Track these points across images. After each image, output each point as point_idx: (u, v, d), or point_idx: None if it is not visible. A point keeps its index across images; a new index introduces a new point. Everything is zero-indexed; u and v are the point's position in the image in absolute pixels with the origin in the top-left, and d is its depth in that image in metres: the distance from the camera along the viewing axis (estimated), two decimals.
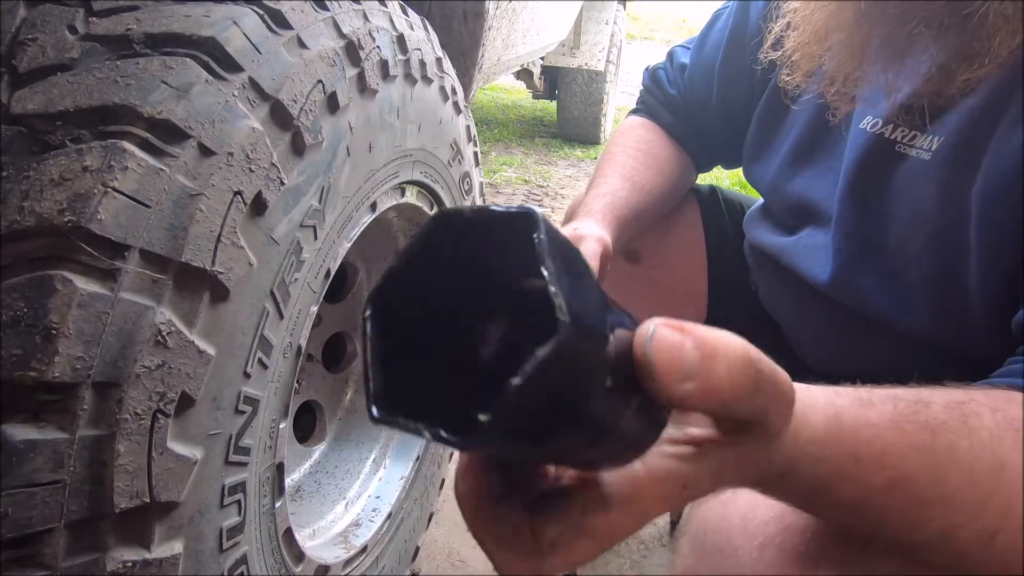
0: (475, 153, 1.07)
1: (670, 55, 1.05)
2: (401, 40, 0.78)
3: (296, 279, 0.64)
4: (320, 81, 0.62)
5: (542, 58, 3.83)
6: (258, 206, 0.57)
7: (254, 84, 0.56)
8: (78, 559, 0.47)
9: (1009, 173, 0.57)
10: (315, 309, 0.70)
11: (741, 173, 0.98)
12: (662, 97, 1.03)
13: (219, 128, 0.53)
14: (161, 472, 0.51)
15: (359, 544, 0.91)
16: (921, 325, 0.67)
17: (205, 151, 0.52)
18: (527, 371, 0.26)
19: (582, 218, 0.86)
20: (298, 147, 0.60)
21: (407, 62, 0.79)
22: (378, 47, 0.72)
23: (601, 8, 3.93)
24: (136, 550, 0.51)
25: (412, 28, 0.83)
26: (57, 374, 0.45)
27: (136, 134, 0.49)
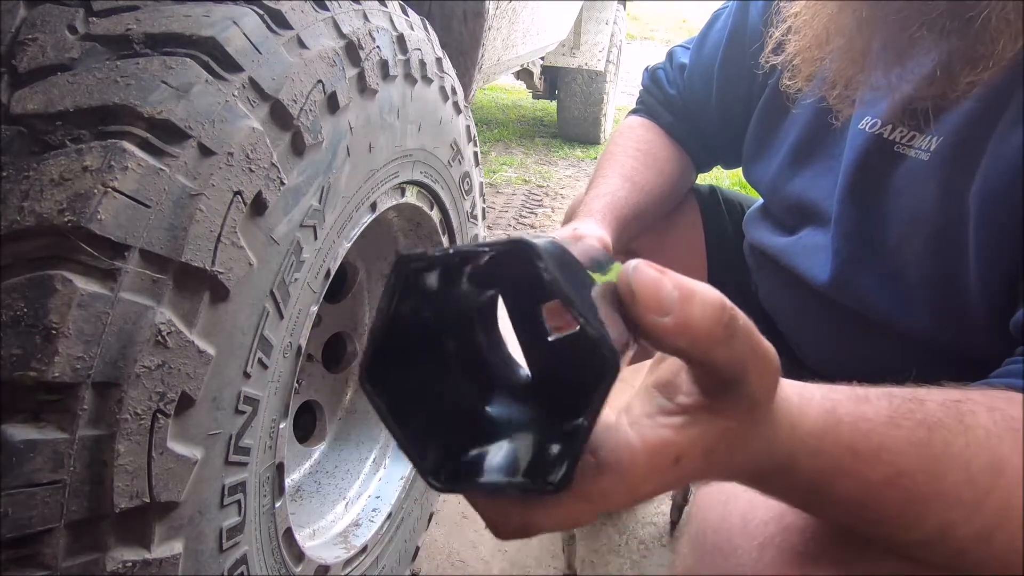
0: (475, 153, 1.07)
1: (670, 55, 1.05)
2: (401, 40, 0.78)
3: (296, 279, 0.64)
4: (320, 81, 0.62)
5: (542, 58, 3.83)
6: (258, 206, 0.57)
7: (254, 84, 0.56)
8: (78, 559, 0.47)
9: (1008, 173, 0.57)
10: (315, 309, 0.70)
11: (741, 173, 0.98)
12: (662, 97, 1.03)
13: (219, 128, 0.53)
14: (161, 472, 0.51)
15: (359, 544, 0.91)
16: (921, 325, 0.67)
17: (205, 151, 0.52)
18: (592, 412, 0.29)
19: (582, 218, 0.86)
20: (298, 147, 0.60)
21: (407, 62, 0.79)
22: (378, 47, 0.72)
23: (601, 8, 3.93)
24: (136, 550, 0.51)
25: (412, 28, 0.83)
26: (57, 374, 0.45)
27: (136, 134, 0.49)
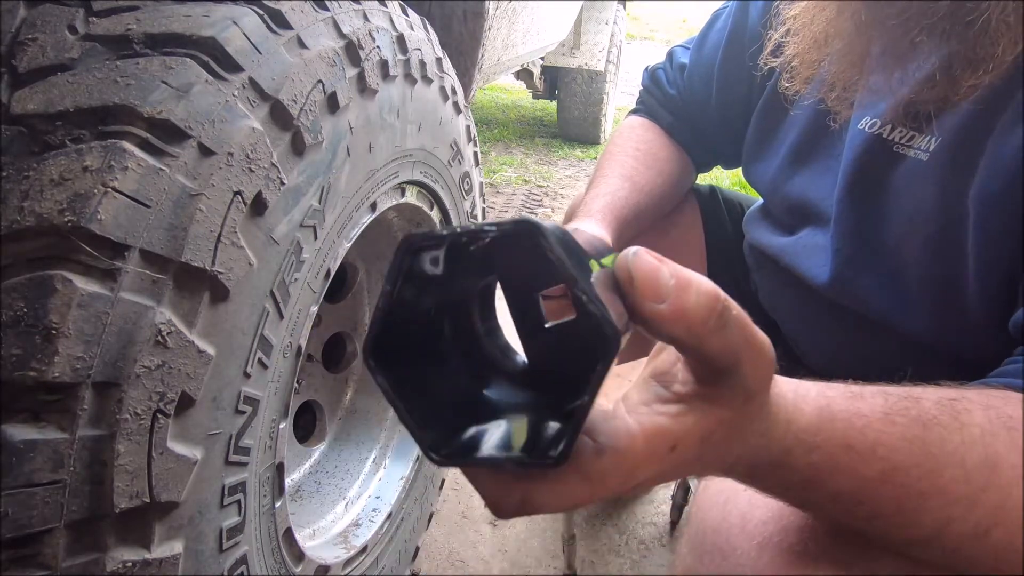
0: (475, 153, 1.07)
1: (669, 55, 1.05)
2: (401, 40, 0.78)
3: (296, 279, 0.64)
4: (320, 81, 0.62)
5: (542, 58, 3.83)
6: (258, 206, 0.57)
7: (254, 84, 0.56)
8: (78, 559, 0.47)
9: (1006, 174, 0.57)
10: (315, 309, 0.70)
11: (741, 173, 0.98)
12: (661, 97, 1.03)
13: (219, 128, 0.53)
14: (161, 472, 0.51)
15: (359, 544, 0.91)
16: (920, 325, 0.67)
17: (205, 151, 0.52)
18: (592, 389, 0.29)
19: (582, 218, 0.86)
20: (298, 147, 0.60)
21: (407, 62, 0.79)
22: (378, 47, 0.72)
23: (601, 8, 3.93)
24: (136, 550, 0.51)
25: (412, 28, 0.83)
26: (57, 374, 0.45)
27: (136, 134, 0.49)
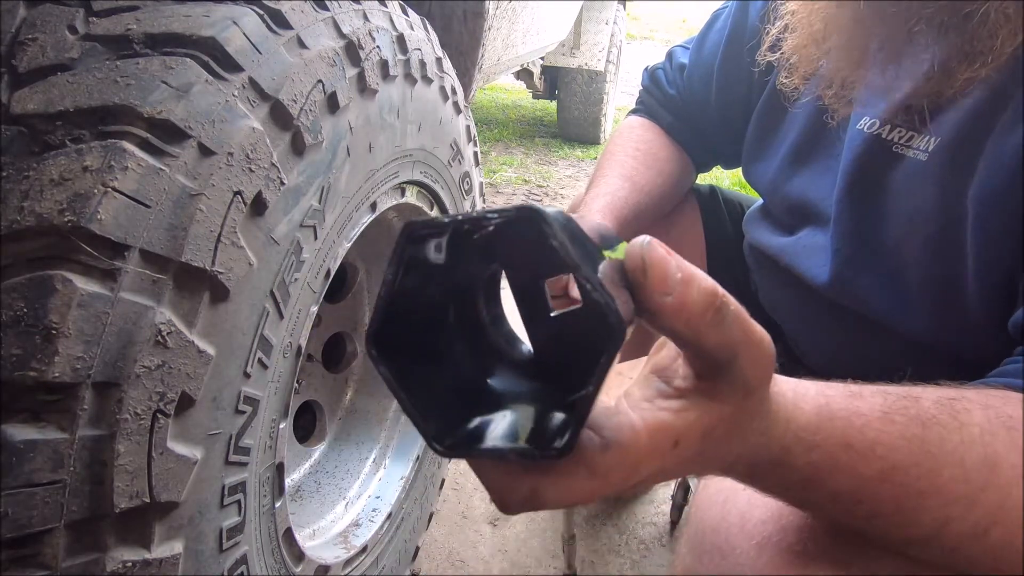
0: (475, 153, 1.07)
1: (669, 55, 1.05)
2: (401, 40, 0.78)
3: (296, 279, 0.64)
4: (320, 81, 0.62)
5: (542, 58, 3.83)
6: (258, 206, 0.57)
7: (254, 84, 0.56)
8: (78, 559, 0.47)
9: (1005, 174, 0.57)
10: (315, 309, 0.70)
11: (740, 173, 0.98)
12: (661, 97, 1.03)
13: (219, 128, 0.53)
14: (161, 472, 0.51)
15: (359, 544, 0.91)
16: (920, 325, 0.67)
17: (205, 151, 0.52)
18: (597, 379, 0.30)
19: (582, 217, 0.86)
20: (298, 147, 0.60)
21: (407, 62, 0.79)
22: (378, 47, 0.72)
23: (601, 8, 3.93)
24: (136, 550, 0.51)
25: (412, 28, 0.83)
26: (57, 374, 0.45)
27: (136, 134, 0.49)
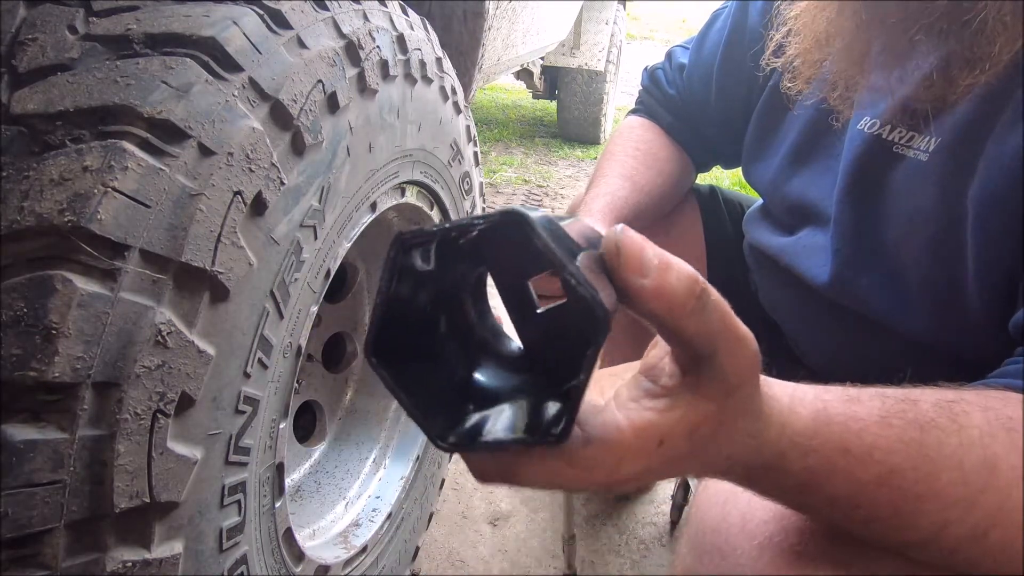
0: (475, 153, 1.07)
1: (669, 55, 1.05)
2: (401, 40, 0.78)
3: (296, 279, 0.64)
4: (320, 81, 0.62)
5: (542, 58, 3.83)
6: (258, 206, 0.57)
7: (254, 84, 0.56)
8: (78, 559, 0.47)
9: (1006, 174, 0.57)
10: (315, 309, 0.70)
11: (740, 173, 0.98)
12: (661, 97, 1.03)
13: (219, 128, 0.53)
14: (161, 472, 0.51)
15: (359, 544, 0.91)
16: (920, 326, 0.67)
17: (205, 151, 0.52)
18: (587, 368, 0.30)
19: (582, 217, 0.86)
20: (298, 147, 0.60)
21: (407, 62, 0.79)
22: (378, 47, 0.72)
23: (601, 8, 3.93)
24: (136, 550, 0.51)
25: (412, 28, 0.83)
26: (57, 374, 0.45)
27: (136, 134, 0.49)
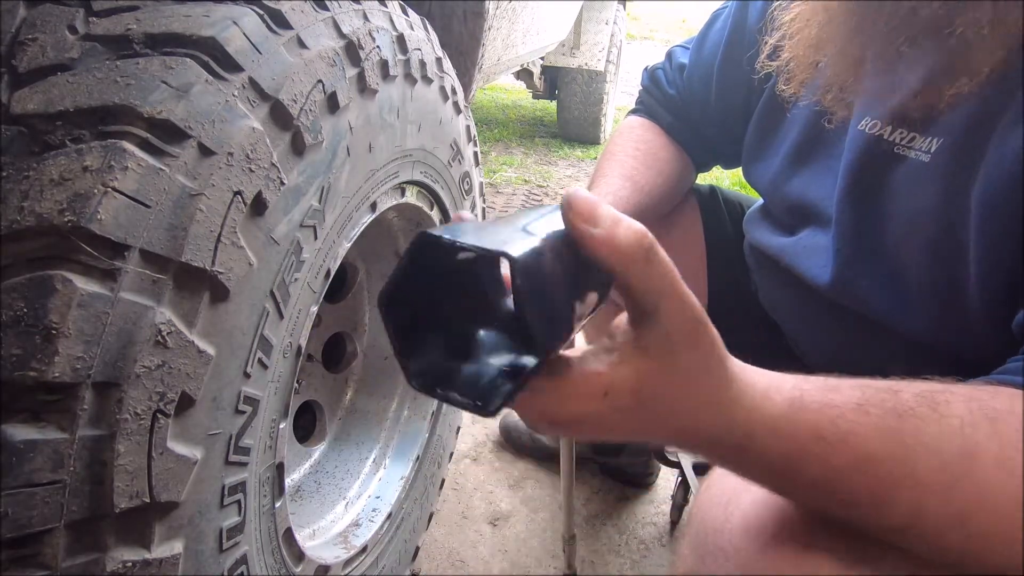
0: (475, 153, 1.07)
1: (669, 55, 1.05)
2: (401, 40, 0.78)
3: (296, 279, 0.64)
4: (320, 81, 0.62)
5: (542, 58, 3.83)
6: (258, 206, 0.57)
7: (254, 84, 0.56)
8: (78, 559, 0.47)
9: (1008, 175, 0.57)
10: (315, 309, 0.70)
11: (741, 173, 0.98)
12: (661, 97, 1.03)
13: (219, 128, 0.53)
14: (161, 472, 0.51)
15: (359, 544, 0.91)
16: (921, 326, 0.67)
17: (205, 151, 0.52)
18: (519, 383, 0.36)
19: None
20: (298, 147, 0.60)
21: (407, 62, 0.79)
22: (378, 47, 0.72)
23: (601, 8, 3.93)
24: (136, 550, 0.51)
25: (412, 28, 0.83)
26: (57, 374, 0.45)
27: (136, 134, 0.49)
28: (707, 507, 0.55)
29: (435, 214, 0.98)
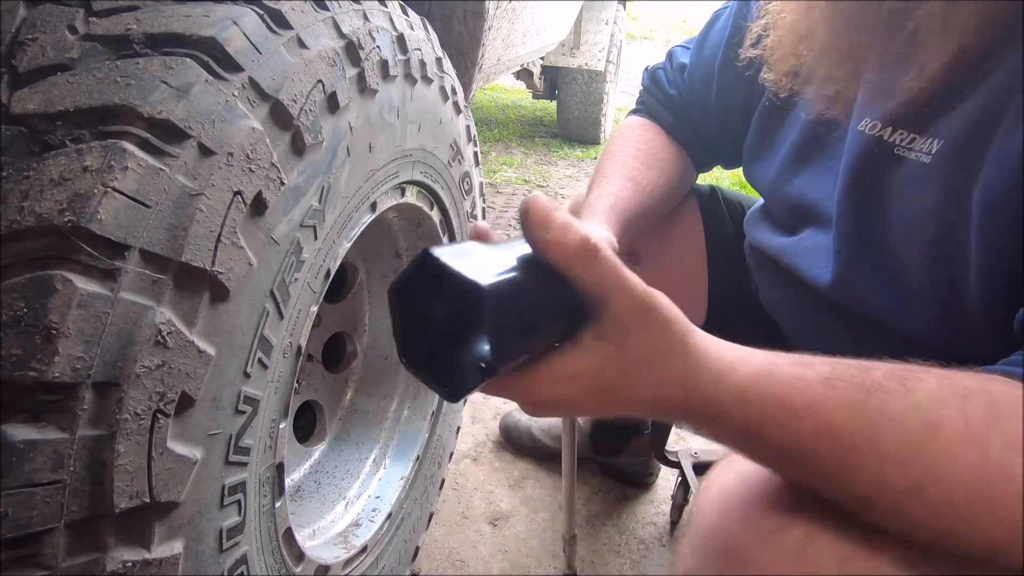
0: (475, 153, 1.07)
1: (670, 55, 1.05)
2: (401, 40, 0.78)
3: (296, 279, 0.64)
4: (320, 81, 0.62)
5: (542, 58, 3.83)
6: (258, 206, 0.57)
7: (254, 84, 0.56)
8: (78, 559, 0.47)
9: (1010, 175, 0.57)
10: (315, 309, 0.70)
11: (741, 173, 0.98)
12: (662, 97, 1.03)
13: (219, 128, 0.53)
14: (161, 472, 0.51)
15: (359, 544, 0.91)
16: (921, 326, 0.67)
17: (205, 151, 0.52)
18: (479, 382, 0.42)
19: (587, 219, 0.86)
20: (298, 147, 0.60)
21: (407, 62, 0.79)
22: (378, 47, 0.72)
23: (601, 8, 3.93)
24: (136, 550, 0.51)
25: (412, 28, 0.83)
26: (57, 374, 0.45)
27: (136, 134, 0.49)
28: (707, 506, 0.55)
29: (435, 214, 0.98)
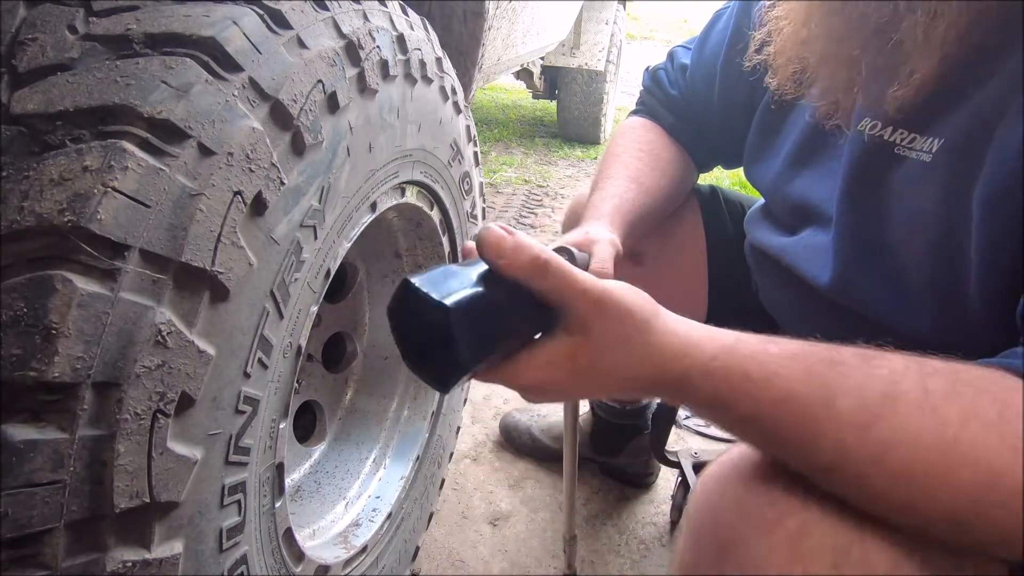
0: (475, 153, 1.07)
1: (671, 55, 1.05)
2: (401, 40, 0.78)
3: (296, 279, 0.64)
4: (320, 81, 0.62)
5: (542, 58, 3.83)
6: (258, 206, 0.57)
7: (254, 84, 0.56)
8: (78, 559, 0.47)
9: (1010, 174, 0.57)
10: (315, 309, 0.70)
11: (742, 173, 0.98)
12: (663, 97, 1.03)
13: (219, 128, 0.53)
14: (161, 472, 0.51)
15: (359, 544, 0.91)
16: (921, 326, 0.67)
17: (205, 151, 0.52)
18: (461, 379, 0.50)
19: (591, 220, 0.86)
20: (298, 147, 0.60)
21: (407, 62, 0.79)
22: (378, 47, 0.72)
23: (601, 8, 3.93)
24: (136, 550, 0.51)
25: (412, 28, 0.83)
26: (57, 374, 0.45)
27: (136, 134, 0.49)
28: (701, 502, 0.55)
29: (435, 214, 0.98)
